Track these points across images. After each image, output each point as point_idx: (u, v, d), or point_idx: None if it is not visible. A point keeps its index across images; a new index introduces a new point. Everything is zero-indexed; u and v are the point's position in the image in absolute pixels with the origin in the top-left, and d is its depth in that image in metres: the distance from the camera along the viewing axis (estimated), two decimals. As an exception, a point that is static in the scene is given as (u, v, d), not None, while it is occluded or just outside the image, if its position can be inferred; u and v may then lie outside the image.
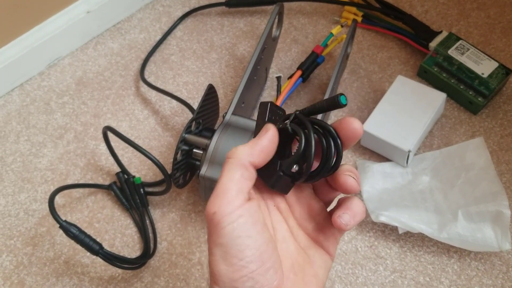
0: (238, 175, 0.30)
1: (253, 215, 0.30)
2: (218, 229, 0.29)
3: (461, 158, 0.56)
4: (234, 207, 0.29)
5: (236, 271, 0.29)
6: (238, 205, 0.29)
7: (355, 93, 0.64)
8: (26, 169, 0.61)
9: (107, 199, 0.58)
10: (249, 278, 0.29)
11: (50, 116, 0.65)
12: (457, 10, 0.70)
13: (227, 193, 0.29)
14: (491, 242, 0.50)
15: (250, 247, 0.29)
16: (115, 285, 0.53)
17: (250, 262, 0.29)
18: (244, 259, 0.29)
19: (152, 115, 0.64)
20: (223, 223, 0.29)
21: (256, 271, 0.29)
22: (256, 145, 0.30)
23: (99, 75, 0.68)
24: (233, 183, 0.29)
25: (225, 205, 0.29)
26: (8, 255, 0.55)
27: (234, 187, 0.29)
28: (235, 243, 0.29)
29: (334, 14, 0.71)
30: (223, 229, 0.29)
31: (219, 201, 0.29)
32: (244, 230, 0.29)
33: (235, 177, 0.30)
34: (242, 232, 0.29)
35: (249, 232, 0.29)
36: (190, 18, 0.73)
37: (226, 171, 0.30)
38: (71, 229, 0.47)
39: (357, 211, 0.32)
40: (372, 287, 0.51)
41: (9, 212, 0.58)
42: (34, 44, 0.66)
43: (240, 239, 0.29)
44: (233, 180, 0.30)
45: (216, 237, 0.29)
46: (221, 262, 0.29)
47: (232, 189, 0.29)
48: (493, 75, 0.59)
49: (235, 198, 0.29)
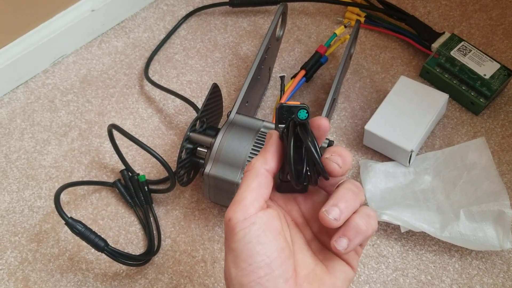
0: (255, 184, 0.31)
1: (267, 223, 0.31)
2: (232, 235, 0.30)
3: (463, 158, 0.56)
4: (248, 214, 0.30)
5: (245, 276, 0.30)
6: (252, 213, 0.31)
7: (358, 93, 0.64)
8: (31, 166, 0.61)
9: (111, 197, 0.58)
10: (257, 284, 0.30)
11: (54, 113, 0.65)
12: (459, 11, 0.71)
13: (243, 201, 0.31)
14: (493, 241, 0.50)
15: (259, 253, 0.30)
16: (120, 281, 0.53)
17: (258, 268, 0.30)
18: (253, 264, 0.30)
19: (156, 113, 0.65)
20: (237, 228, 0.30)
21: (265, 277, 0.30)
22: (266, 152, 0.32)
23: (104, 73, 0.68)
24: (248, 192, 0.31)
25: (239, 212, 0.31)
26: (12, 252, 0.55)
27: (249, 196, 0.31)
28: (245, 248, 0.30)
29: (337, 15, 0.72)
30: (236, 234, 0.30)
31: (235, 208, 0.31)
32: (255, 236, 0.30)
33: (251, 186, 0.31)
34: (253, 238, 0.30)
35: (260, 239, 0.30)
36: (194, 17, 0.73)
37: (244, 181, 0.32)
38: (77, 226, 0.48)
39: (359, 230, 0.31)
40: (374, 285, 0.52)
41: (13, 208, 0.58)
42: (39, 42, 0.66)
43: (250, 245, 0.30)
44: (249, 189, 0.31)
45: (230, 242, 0.31)
46: (232, 265, 0.30)
47: (247, 198, 0.31)
48: (495, 76, 0.59)
49: (250, 206, 0.31)
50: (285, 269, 0.31)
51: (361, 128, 0.61)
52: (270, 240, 0.30)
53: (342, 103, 0.64)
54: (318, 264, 0.33)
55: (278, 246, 0.31)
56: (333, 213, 0.30)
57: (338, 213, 0.30)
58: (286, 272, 0.31)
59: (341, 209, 0.31)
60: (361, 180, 0.56)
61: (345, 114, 0.63)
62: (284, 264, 0.31)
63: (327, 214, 0.30)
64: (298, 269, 0.32)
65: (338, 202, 0.31)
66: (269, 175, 0.32)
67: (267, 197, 0.32)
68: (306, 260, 0.33)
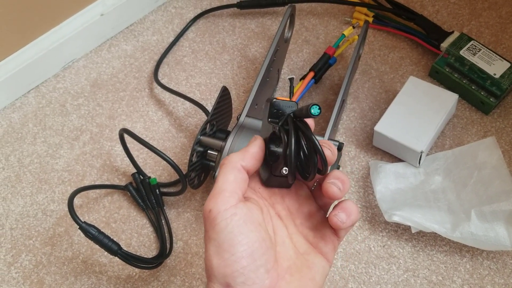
0: (232, 177, 0.32)
1: (247, 214, 0.32)
2: (213, 225, 0.31)
3: (473, 158, 0.56)
4: (228, 206, 0.31)
5: (228, 266, 0.30)
6: (232, 204, 0.31)
7: (367, 93, 0.64)
8: (43, 170, 0.62)
9: (123, 200, 0.59)
10: (240, 274, 0.30)
11: (66, 117, 0.66)
12: (468, 9, 0.70)
13: (222, 193, 0.32)
14: (504, 241, 0.50)
15: (241, 243, 0.30)
16: (133, 284, 0.54)
17: (241, 258, 0.30)
18: (235, 254, 0.30)
19: (166, 116, 0.65)
20: (217, 219, 0.31)
21: (247, 267, 0.30)
22: (246, 152, 0.33)
23: (113, 77, 0.69)
24: (227, 184, 0.32)
25: (220, 203, 0.31)
26: (27, 255, 0.56)
27: (229, 187, 0.32)
28: (227, 238, 0.31)
29: (345, 15, 0.72)
30: (217, 225, 0.31)
31: (215, 199, 0.32)
32: (236, 226, 0.31)
33: (229, 179, 0.32)
34: (235, 228, 0.31)
35: (241, 229, 0.31)
36: (202, 19, 0.74)
37: (221, 174, 0.33)
38: (90, 230, 0.49)
39: (351, 211, 0.33)
40: (385, 286, 0.52)
41: (27, 212, 0.59)
42: (49, 47, 0.67)
43: (232, 235, 0.31)
44: (227, 181, 0.32)
45: (211, 232, 0.31)
46: (214, 256, 0.31)
47: (227, 189, 0.32)
48: (505, 75, 0.59)
49: (230, 198, 0.32)
50: (267, 259, 0.31)
51: (370, 129, 0.61)
52: (251, 230, 0.31)
53: (351, 104, 0.64)
54: (299, 257, 0.34)
55: (259, 237, 0.31)
56: (341, 217, 0.33)
57: (344, 216, 0.33)
58: (268, 262, 0.31)
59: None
60: (371, 181, 0.56)
61: (354, 115, 0.63)
62: (265, 254, 0.31)
63: (337, 218, 0.33)
64: (280, 260, 0.33)
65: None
66: (245, 172, 0.33)
67: (244, 192, 0.33)
68: (288, 253, 0.34)
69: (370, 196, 0.57)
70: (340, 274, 0.53)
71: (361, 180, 0.58)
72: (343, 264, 0.53)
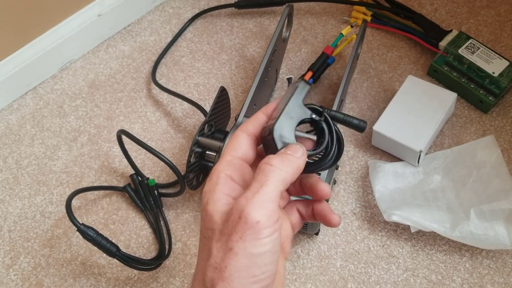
0: (279, 193, 0.30)
1: (280, 232, 0.30)
2: (255, 239, 0.28)
3: (472, 157, 0.56)
4: (273, 221, 0.29)
5: (255, 283, 0.29)
6: (276, 220, 0.29)
7: (365, 93, 0.64)
8: (41, 172, 0.62)
9: (121, 201, 0.59)
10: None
11: (63, 119, 0.66)
12: (466, 8, 0.70)
13: (272, 205, 0.29)
14: (504, 240, 0.50)
15: (273, 263, 0.29)
16: (132, 285, 0.54)
17: (267, 277, 0.29)
18: (266, 272, 0.29)
19: (164, 117, 0.65)
20: (263, 234, 0.29)
21: (268, 286, 0.30)
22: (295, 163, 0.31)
23: (111, 77, 0.69)
24: (277, 197, 0.29)
25: (269, 217, 0.29)
26: (26, 257, 0.56)
27: (276, 201, 0.29)
28: (264, 256, 0.29)
29: (344, 14, 0.71)
30: (261, 240, 0.29)
31: (265, 211, 0.29)
32: (277, 244, 0.29)
33: (278, 193, 0.30)
34: (276, 246, 0.29)
35: (276, 248, 0.29)
36: (200, 19, 0.74)
37: (272, 181, 0.30)
38: (88, 232, 0.48)
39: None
40: (385, 285, 0.52)
41: (25, 214, 0.59)
42: (47, 48, 0.66)
43: (269, 253, 0.29)
44: (278, 194, 0.30)
45: (249, 245, 0.29)
46: (243, 270, 0.29)
47: (275, 202, 0.29)
48: (504, 74, 0.59)
49: (276, 210, 0.29)
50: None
51: (369, 128, 0.61)
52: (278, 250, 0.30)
53: (350, 103, 0.64)
54: None
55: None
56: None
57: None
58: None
59: None
60: (370, 181, 0.56)
61: (352, 114, 0.63)
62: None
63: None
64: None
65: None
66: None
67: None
68: None
69: (369, 196, 0.57)
70: (340, 274, 0.53)
71: (360, 180, 0.58)
72: (342, 264, 0.53)
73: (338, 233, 0.55)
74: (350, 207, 0.57)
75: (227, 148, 0.34)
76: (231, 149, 0.34)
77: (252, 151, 0.34)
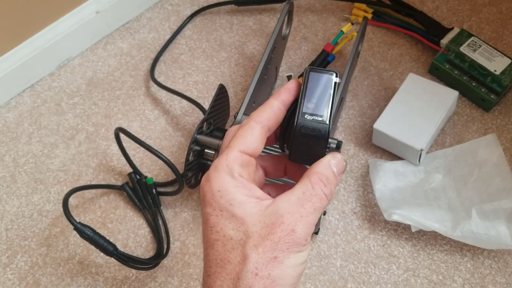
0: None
1: None
2: (298, 251, 0.29)
3: (474, 155, 0.56)
4: (310, 233, 0.30)
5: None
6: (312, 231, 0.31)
7: (366, 91, 0.64)
8: (39, 170, 0.61)
9: (119, 200, 0.58)
10: None
11: (61, 117, 0.65)
12: (468, 5, 0.70)
13: (314, 220, 0.30)
14: (506, 240, 0.50)
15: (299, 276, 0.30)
16: (129, 285, 0.53)
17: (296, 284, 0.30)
18: (297, 281, 0.30)
19: (162, 115, 0.65)
20: (304, 248, 0.30)
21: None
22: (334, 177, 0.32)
23: (109, 75, 0.68)
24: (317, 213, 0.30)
25: (310, 235, 0.30)
26: (23, 256, 0.56)
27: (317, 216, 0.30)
28: (302, 267, 0.30)
29: (344, 11, 0.71)
30: (301, 253, 0.30)
31: (310, 231, 0.30)
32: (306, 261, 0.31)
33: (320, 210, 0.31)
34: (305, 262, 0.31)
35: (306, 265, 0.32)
36: (199, 17, 0.73)
37: (321, 210, 0.31)
38: (85, 231, 0.48)
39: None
40: (385, 286, 0.51)
41: (23, 213, 0.58)
42: (44, 45, 0.66)
43: (304, 264, 0.30)
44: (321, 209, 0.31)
45: (293, 256, 0.29)
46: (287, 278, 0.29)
47: (316, 218, 0.30)
48: (506, 72, 0.58)
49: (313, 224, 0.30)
50: None
51: (369, 126, 0.61)
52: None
53: (350, 102, 0.63)
54: None
55: None
56: None
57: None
58: None
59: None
60: (371, 180, 0.56)
61: (353, 113, 0.62)
62: None
63: None
64: None
65: None
66: None
67: None
68: None
69: (369, 195, 0.57)
70: (340, 274, 0.52)
71: (360, 179, 0.58)
72: (342, 264, 0.53)
73: (338, 233, 0.55)
74: (350, 206, 0.56)
75: (238, 140, 0.31)
76: (242, 143, 0.31)
77: (262, 146, 0.32)
